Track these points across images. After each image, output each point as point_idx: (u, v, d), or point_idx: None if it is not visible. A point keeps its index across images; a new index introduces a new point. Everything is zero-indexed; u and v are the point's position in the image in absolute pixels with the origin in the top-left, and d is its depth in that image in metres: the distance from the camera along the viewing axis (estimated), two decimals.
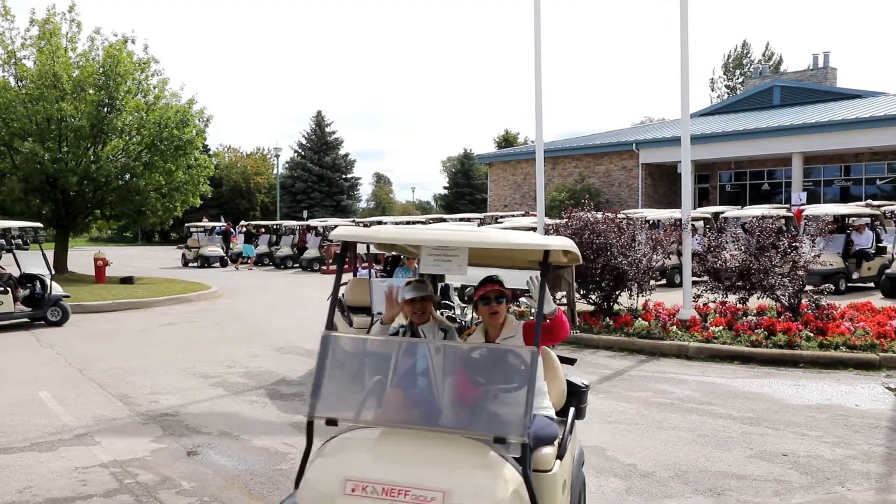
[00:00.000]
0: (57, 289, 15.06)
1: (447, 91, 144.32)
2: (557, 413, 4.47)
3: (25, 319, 14.63)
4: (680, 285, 13.11)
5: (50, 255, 25.63)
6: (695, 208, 29.92)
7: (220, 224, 38.21)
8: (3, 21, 22.24)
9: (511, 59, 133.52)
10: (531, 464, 3.47)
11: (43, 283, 14.93)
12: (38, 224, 17.88)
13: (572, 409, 4.57)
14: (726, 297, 12.70)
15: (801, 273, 11.77)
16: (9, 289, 14.32)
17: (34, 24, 22.42)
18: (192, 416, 7.78)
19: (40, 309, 14.67)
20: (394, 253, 9.86)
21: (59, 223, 24.12)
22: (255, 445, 6.75)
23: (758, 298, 12.55)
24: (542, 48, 14.84)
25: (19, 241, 49.38)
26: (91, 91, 21.78)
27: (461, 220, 33.04)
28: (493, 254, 4.87)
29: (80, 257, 26.95)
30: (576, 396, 4.76)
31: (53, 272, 15.48)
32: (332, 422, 3.64)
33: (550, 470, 3.90)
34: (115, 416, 7.81)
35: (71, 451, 6.57)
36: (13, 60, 22.30)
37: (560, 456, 4.01)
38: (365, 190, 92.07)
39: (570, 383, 4.79)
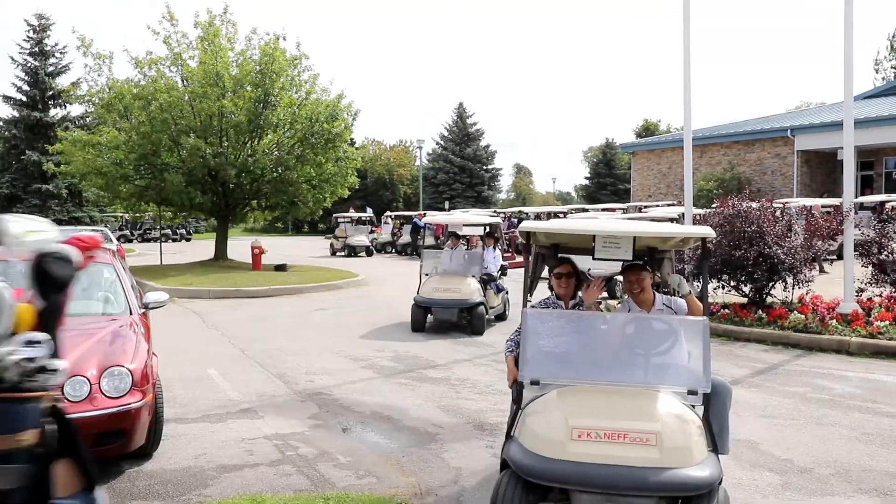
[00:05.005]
0: None
1: (588, 80, 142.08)
2: None
3: None
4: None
5: (212, 242, 27.43)
6: (857, 197, 28.07)
7: (391, 215, 38.93)
8: (170, 25, 23.84)
9: (652, 46, 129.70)
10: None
11: None
12: None
13: None
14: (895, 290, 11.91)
15: None
16: None
17: (198, 26, 23.94)
18: (345, 396, 8.15)
19: None
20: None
21: (220, 213, 25.71)
22: (405, 425, 7.00)
23: None
24: (690, 30, 14.39)
25: (183, 230, 53.03)
26: (249, 88, 23.00)
27: (603, 210, 32.49)
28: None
29: (238, 246, 28.58)
30: None
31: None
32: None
33: None
34: (275, 393, 8.30)
35: (237, 424, 7.06)
36: (179, 62, 23.91)
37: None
38: (505, 181, 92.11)
39: None
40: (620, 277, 5.53)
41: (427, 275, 13.10)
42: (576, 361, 4.73)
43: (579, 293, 5.47)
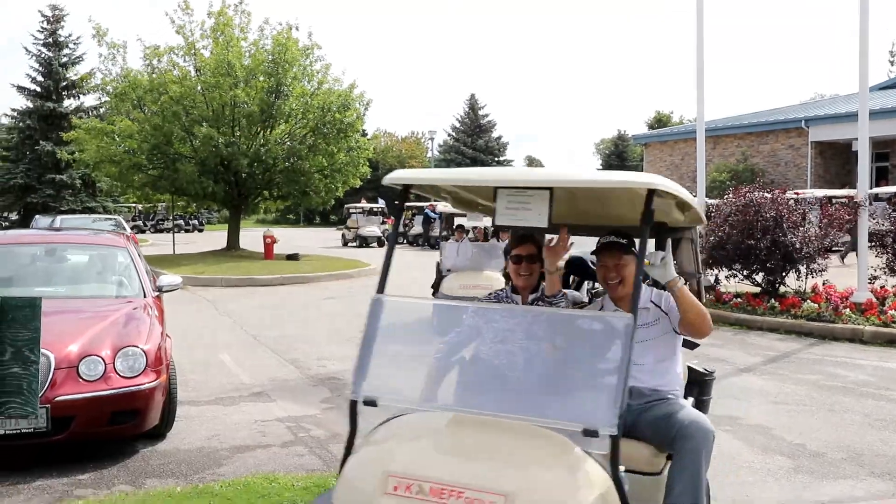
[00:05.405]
0: None
1: (600, 72, 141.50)
2: None
3: None
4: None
5: (224, 234, 27.53)
6: (871, 189, 27.88)
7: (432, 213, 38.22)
8: (184, 15, 23.91)
9: (664, 38, 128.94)
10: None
11: None
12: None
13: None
14: None
15: None
16: None
17: (211, 16, 23.99)
18: None
19: None
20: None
21: (232, 203, 25.82)
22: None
23: None
24: (704, 20, 14.35)
25: (195, 221, 53.31)
26: (262, 78, 23.05)
27: None
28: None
29: (250, 237, 28.70)
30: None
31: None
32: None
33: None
34: (287, 378, 8.34)
35: (250, 407, 7.10)
36: (193, 51, 23.97)
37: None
38: None
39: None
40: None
41: (449, 270, 11.89)
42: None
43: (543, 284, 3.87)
